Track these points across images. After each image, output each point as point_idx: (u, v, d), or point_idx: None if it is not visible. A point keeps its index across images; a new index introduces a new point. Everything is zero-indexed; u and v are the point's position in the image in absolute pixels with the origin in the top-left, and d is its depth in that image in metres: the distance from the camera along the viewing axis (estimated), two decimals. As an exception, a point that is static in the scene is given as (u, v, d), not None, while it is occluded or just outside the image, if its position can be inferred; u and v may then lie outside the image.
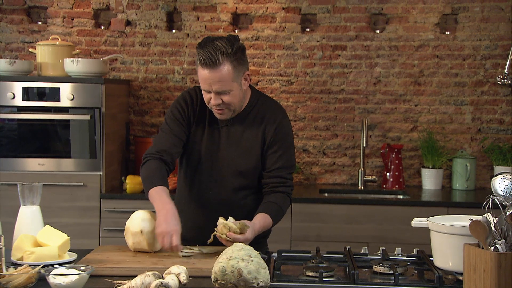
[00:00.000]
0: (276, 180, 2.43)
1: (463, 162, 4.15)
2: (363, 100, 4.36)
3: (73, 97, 3.79)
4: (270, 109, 2.47)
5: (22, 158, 3.83)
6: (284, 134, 2.46)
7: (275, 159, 2.43)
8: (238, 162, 2.43)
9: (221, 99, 2.31)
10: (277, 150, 2.43)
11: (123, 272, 2.02)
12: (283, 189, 2.43)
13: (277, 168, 2.43)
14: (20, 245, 2.08)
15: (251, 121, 2.44)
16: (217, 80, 2.26)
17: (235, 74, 2.29)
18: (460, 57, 4.29)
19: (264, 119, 2.44)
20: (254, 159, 2.44)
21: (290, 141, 2.50)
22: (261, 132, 2.43)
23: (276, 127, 2.43)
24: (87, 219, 3.81)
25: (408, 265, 2.14)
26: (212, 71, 2.25)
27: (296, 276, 2.04)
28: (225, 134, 2.44)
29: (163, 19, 4.40)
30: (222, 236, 2.17)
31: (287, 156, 2.45)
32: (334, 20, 4.34)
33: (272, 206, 2.39)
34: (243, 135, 2.44)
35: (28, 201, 2.23)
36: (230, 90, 2.30)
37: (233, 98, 2.33)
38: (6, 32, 4.42)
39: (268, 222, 2.36)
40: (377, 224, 3.72)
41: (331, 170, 4.41)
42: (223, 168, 2.44)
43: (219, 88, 2.28)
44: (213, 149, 2.44)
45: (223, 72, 2.25)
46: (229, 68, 2.27)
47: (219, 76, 2.25)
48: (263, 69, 4.38)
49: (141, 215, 2.30)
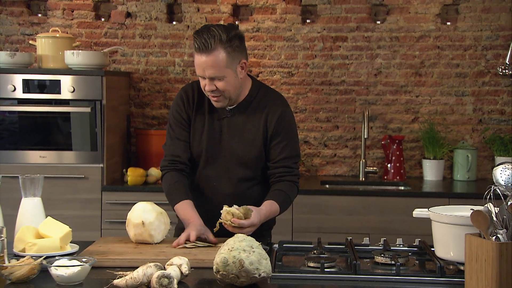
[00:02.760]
0: (283, 170, 2.45)
1: (464, 153, 4.15)
2: (364, 91, 4.35)
3: (74, 90, 3.79)
4: (271, 99, 2.48)
5: (23, 151, 3.83)
6: (287, 124, 2.46)
7: (280, 149, 2.44)
8: (240, 153, 2.44)
9: (215, 85, 2.33)
10: (281, 141, 2.44)
11: (125, 263, 2.02)
12: (290, 177, 2.45)
13: (282, 159, 2.44)
14: (22, 237, 2.08)
15: (252, 112, 2.45)
16: (210, 66, 2.29)
17: (229, 61, 2.31)
18: (461, 47, 4.28)
19: (266, 109, 2.45)
20: (257, 149, 2.44)
21: (294, 131, 2.51)
22: (262, 122, 2.44)
23: (278, 117, 2.44)
24: (89, 211, 3.82)
25: (409, 256, 2.15)
26: (206, 56, 2.28)
27: (297, 267, 2.05)
28: (226, 125, 2.45)
29: (164, 11, 4.39)
30: (227, 222, 2.19)
31: (291, 146, 2.46)
32: (334, 11, 4.33)
33: (279, 194, 2.41)
34: (245, 125, 2.44)
35: (29, 193, 2.23)
36: (224, 77, 2.32)
37: (228, 85, 2.34)
38: (6, 25, 4.41)
39: (275, 209, 2.38)
40: (378, 216, 3.72)
41: (332, 162, 4.41)
42: (226, 160, 2.45)
43: (212, 74, 2.30)
44: (215, 141, 2.45)
45: (216, 57, 2.28)
46: (223, 55, 2.29)
47: (212, 61, 2.28)
48: (263, 60, 4.38)
49: (143, 206, 2.30)
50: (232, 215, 2.19)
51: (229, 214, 2.20)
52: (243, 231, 2.20)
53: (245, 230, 2.22)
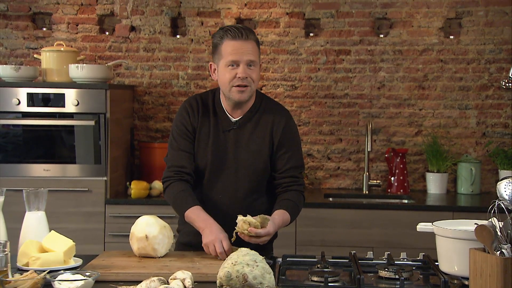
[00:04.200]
0: (289, 180, 2.47)
1: (468, 166, 4.15)
2: (367, 104, 4.36)
3: (78, 103, 3.80)
4: (275, 111, 2.50)
5: (27, 164, 3.84)
6: (291, 135, 2.49)
7: (286, 160, 2.46)
8: (247, 165, 2.45)
9: (247, 73, 2.36)
10: (286, 151, 2.46)
11: (128, 277, 2.02)
12: (296, 187, 2.47)
13: (288, 169, 2.46)
14: (25, 251, 2.08)
15: (258, 123, 2.47)
16: (248, 50, 2.36)
17: (258, 53, 2.42)
18: (465, 61, 4.29)
19: (271, 120, 2.47)
20: (262, 160, 2.45)
21: (298, 141, 2.54)
22: (268, 134, 2.46)
23: (283, 128, 2.46)
24: (92, 225, 3.82)
25: (413, 270, 2.14)
26: (243, 42, 2.35)
27: (301, 281, 2.04)
28: (233, 137, 2.45)
29: (167, 25, 4.41)
30: (244, 232, 2.19)
31: (296, 156, 2.49)
32: (338, 24, 4.35)
33: (288, 203, 2.43)
34: (252, 137, 2.46)
35: (33, 206, 2.23)
36: (256, 64, 2.40)
37: (256, 75, 2.41)
38: (11, 39, 4.44)
39: (286, 217, 2.40)
40: (382, 229, 3.71)
41: (336, 175, 4.40)
42: (232, 172, 2.45)
43: (251, 57, 2.36)
44: (221, 153, 2.45)
45: (252, 44, 2.38)
46: (255, 45, 2.40)
47: (250, 46, 2.36)
48: (267, 74, 4.39)
49: (146, 220, 2.30)
50: (249, 225, 2.19)
51: (245, 224, 2.19)
52: (260, 240, 2.22)
53: (261, 239, 2.23)
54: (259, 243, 2.26)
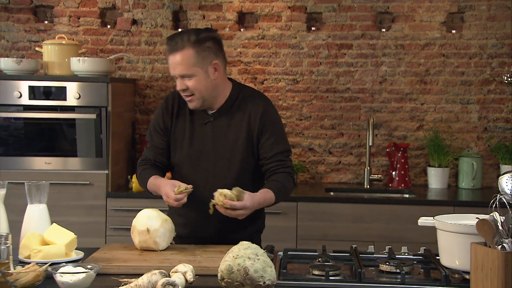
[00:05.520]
0: (275, 164, 2.47)
1: (469, 161, 4.14)
2: (369, 99, 4.35)
3: (79, 96, 3.80)
4: (252, 99, 2.50)
5: (28, 157, 3.84)
6: (271, 121, 2.48)
7: (269, 147, 2.46)
8: (226, 156, 2.45)
9: (185, 84, 2.38)
10: (269, 137, 2.46)
11: (130, 270, 2.03)
12: (283, 169, 2.47)
13: (274, 155, 2.47)
14: (27, 244, 2.08)
15: (235, 113, 2.47)
16: (179, 63, 2.36)
17: (198, 60, 2.36)
18: (467, 55, 4.28)
19: (248, 109, 2.47)
20: (241, 151, 2.45)
21: (280, 126, 2.53)
22: (246, 123, 2.46)
23: (261, 114, 2.46)
24: (94, 218, 3.82)
25: (414, 264, 2.14)
26: (174, 55, 2.37)
27: (302, 275, 2.04)
28: (210, 130, 2.47)
29: (169, 18, 4.40)
30: (219, 203, 2.21)
31: (280, 142, 2.49)
32: (340, 18, 4.34)
33: (273, 183, 2.43)
34: (229, 128, 2.47)
35: (35, 199, 2.23)
36: (192, 75, 2.37)
37: (197, 84, 2.38)
38: (13, 31, 4.44)
39: (269, 196, 2.39)
40: (383, 223, 3.71)
41: (337, 169, 4.40)
42: (212, 164, 2.46)
43: (181, 71, 2.37)
44: (199, 146, 2.47)
45: (184, 55, 2.35)
46: (191, 52, 2.35)
47: (180, 59, 2.36)
48: (268, 68, 4.38)
49: (148, 213, 2.30)
50: (225, 197, 2.21)
51: (221, 196, 2.22)
52: (235, 213, 2.23)
53: (237, 213, 2.23)
54: (236, 216, 2.26)
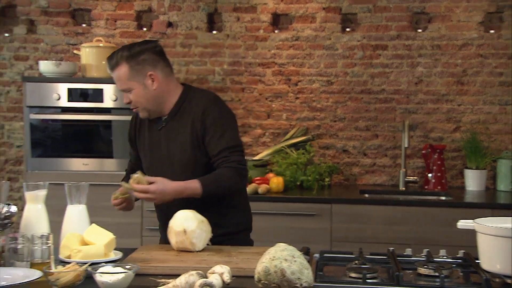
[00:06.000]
0: (221, 161, 2.46)
1: (507, 163, 4.07)
2: (405, 100, 4.31)
3: (116, 98, 3.85)
4: (195, 100, 2.54)
5: (66, 158, 3.91)
6: (213, 119, 2.48)
7: (214, 145, 2.47)
8: (179, 158, 2.51)
9: (128, 98, 2.51)
10: (213, 136, 2.47)
11: (167, 271, 2.04)
12: (226, 164, 2.45)
13: (219, 152, 2.46)
14: (67, 244, 2.11)
15: (183, 116, 2.52)
16: (116, 80, 2.50)
17: (132, 74, 2.45)
18: (505, 56, 4.21)
19: (192, 111, 2.51)
20: (190, 152, 2.48)
21: (225, 123, 2.50)
22: (190, 124, 2.49)
23: (201, 114, 2.48)
24: (130, 219, 3.86)
25: (453, 267, 2.11)
26: (113, 72, 2.49)
27: (339, 277, 2.03)
28: (164, 135, 2.55)
29: (204, 20, 4.43)
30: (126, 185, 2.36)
31: (225, 138, 2.47)
32: (375, 19, 4.31)
33: (207, 176, 2.43)
34: (179, 130, 2.52)
35: (75, 200, 2.27)
36: (130, 89, 2.48)
37: (138, 97, 2.49)
38: (52, 35, 4.52)
39: (193, 185, 2.38)
40: (419, 226, 3.67)
41: (372, 171, 4.37)
42: (168, 167, 2.52)
43: (120, 86, 2.51)
44: (156, 151, 2.56)
45: (118, 72, 2.47)
46: (125, 69, 2.45)
47: (117, 75, 2.48)
48: (303, 69, 4.37)
49: (184, 214, 2.32)
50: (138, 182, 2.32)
51: (134, 181, 2.33)
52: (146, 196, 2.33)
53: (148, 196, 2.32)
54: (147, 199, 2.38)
